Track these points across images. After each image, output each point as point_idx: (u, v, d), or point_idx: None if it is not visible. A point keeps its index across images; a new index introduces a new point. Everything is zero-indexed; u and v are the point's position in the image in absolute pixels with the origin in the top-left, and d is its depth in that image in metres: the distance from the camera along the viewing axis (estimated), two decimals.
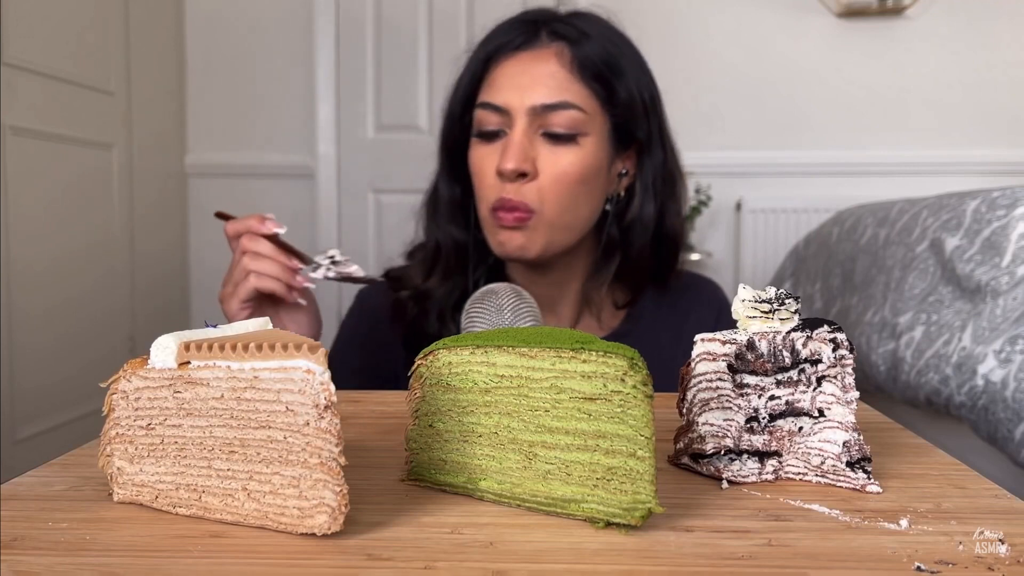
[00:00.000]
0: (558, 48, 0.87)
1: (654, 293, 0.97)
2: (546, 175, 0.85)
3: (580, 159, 0.86)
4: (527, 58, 0.87)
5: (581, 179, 0.86)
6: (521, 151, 0.84)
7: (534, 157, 0.85)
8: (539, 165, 0.85)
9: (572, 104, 0.85)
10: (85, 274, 2.24)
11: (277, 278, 0.77)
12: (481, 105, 0.88)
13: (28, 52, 2.00)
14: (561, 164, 0.85)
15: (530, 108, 0.85)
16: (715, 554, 0.37)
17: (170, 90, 2.74)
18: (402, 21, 2.75)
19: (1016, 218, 1.20)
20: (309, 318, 0.84)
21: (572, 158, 0.86)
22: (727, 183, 2.62)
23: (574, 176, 0.86)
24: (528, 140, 0.85)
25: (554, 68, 0.86)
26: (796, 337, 0.48)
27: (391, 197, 2.76)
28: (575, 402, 0.41)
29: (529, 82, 0.85)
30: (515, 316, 0.67)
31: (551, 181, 0.85)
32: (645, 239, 0.92)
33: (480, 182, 0.88)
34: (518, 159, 0.84)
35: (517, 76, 0.86)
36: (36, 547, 0.38)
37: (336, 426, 0.38)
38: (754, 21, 2.65)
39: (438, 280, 0.93)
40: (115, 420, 0.44)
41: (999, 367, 1.06)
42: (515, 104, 0.85)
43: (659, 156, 0.93)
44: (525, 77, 0.86)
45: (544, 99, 0.85)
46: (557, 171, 0.85)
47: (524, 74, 0.86)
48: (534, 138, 0.86)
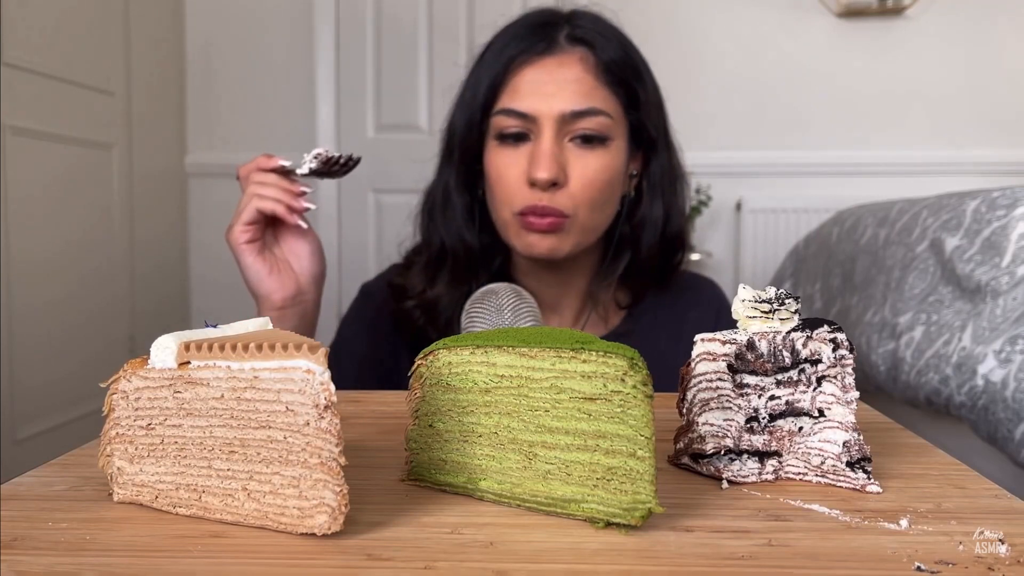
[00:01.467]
0: (582, 53, 0.87)
1: (654, 293, 0.98)
2: (576, 182, 0.85)
3: (607, 164, 0.86)
4: (551, 64, 0.86)
5: (609, 183, 0.87)
6: (554, 160, 0.84)
7: (564, 164, 0.85)
8: (569, 172, 0.85)
9: (600, 111, 0.85)
10: (85, 274, 2.24)
11: (278, 199, 0.79)
12: (504, 112, 0.87)
13: (28, 52, 2.00)
14: (590, 171, 0.85)
15: (559, 115, 0.84)
16: (715, 554, 0.37)
17: (170, 90, 2.74)
18: (402, 21, 2.75)
19: (1016, 218, 1.20)
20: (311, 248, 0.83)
21: (600, 164, 0.86)
22: (727, 183, 2.62)
23: (603, 180, 0.86)
24: (558, 147, 0.85)
25: (580, 74, 0.86)
26: (796, 337, 0.48)
27: (391, 197, 2.76)
28: (575, 402, 0.41)
29: (555, 89, 0.85)
30: (515, 316, 0.67)
31: (581, 187, 0.85)
32: (654, 238, 0.93)
33: (503, 187, 0.87)
34: (552, 169, 0.83)
35: (542, 83, 0.85)
36: (36, 547, 0.38)
37: (336, 426, 0.38)
38: (754, 21, 2.65)
39: (444, 286, 0.92)
40: (115, 420, 0.44)
41: (999, 367, 1.06)
42: (543, 111, 0.84)
43: (664, 156, 0.93)
44: (551, 84, 0.85)
45: (573, 106, 0.84)
46: (587, 178, 0.85)
47: (549, 81, 0.85)
48: (563, 145, 0.85)
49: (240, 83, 2.81)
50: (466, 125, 0.91)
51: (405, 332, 0.94)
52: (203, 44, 2.80)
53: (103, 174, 2.35)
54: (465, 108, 0.91)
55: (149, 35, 2.58)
